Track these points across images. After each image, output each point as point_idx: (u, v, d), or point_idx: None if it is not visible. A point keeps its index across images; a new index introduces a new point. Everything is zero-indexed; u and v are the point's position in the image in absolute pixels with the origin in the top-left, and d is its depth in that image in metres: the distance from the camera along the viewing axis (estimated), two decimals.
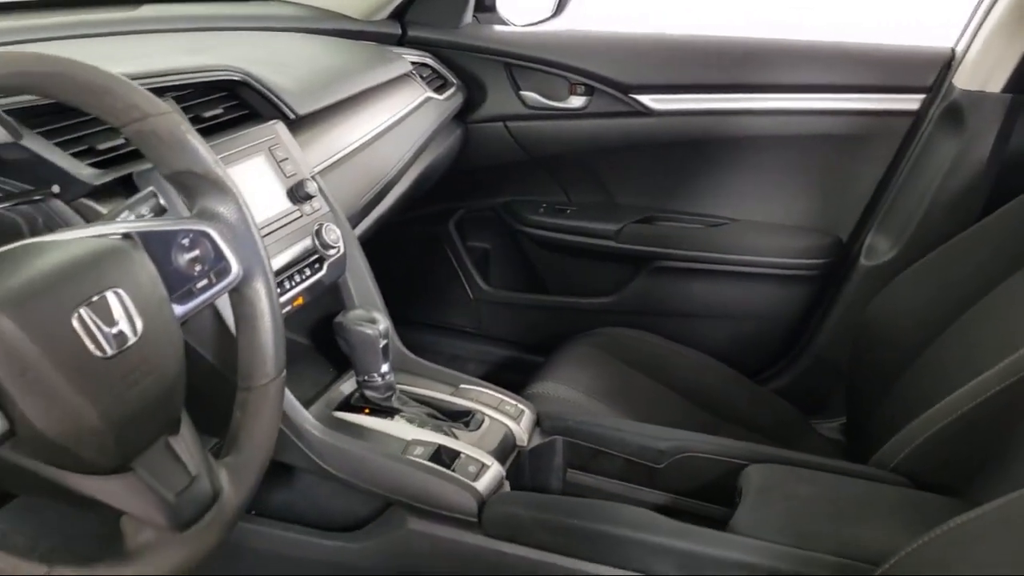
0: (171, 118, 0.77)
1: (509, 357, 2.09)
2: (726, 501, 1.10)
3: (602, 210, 1.94)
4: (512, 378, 1.35)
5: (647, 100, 1.79)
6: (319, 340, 1.27)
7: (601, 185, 1.95)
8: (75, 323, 0.63)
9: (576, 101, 1.86)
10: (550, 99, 1.87)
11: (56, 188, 0.89)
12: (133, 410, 0.67)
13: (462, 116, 1.90)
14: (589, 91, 1.84)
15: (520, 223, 1.98)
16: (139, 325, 0.68)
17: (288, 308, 1.12)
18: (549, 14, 1.94)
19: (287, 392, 1.03)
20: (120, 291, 0.67)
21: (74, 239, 0.71)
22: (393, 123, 1.55)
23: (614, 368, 1.57)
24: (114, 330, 0.66)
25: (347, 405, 1.17)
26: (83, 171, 0.90)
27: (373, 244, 1.37)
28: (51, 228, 0.89)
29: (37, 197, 0.89)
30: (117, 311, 0.66)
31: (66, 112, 0.93)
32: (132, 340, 0.67)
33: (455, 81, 1.86)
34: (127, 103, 0.74)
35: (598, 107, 1.84)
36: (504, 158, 1.95)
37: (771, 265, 1.79)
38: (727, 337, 1.86)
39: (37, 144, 0.87)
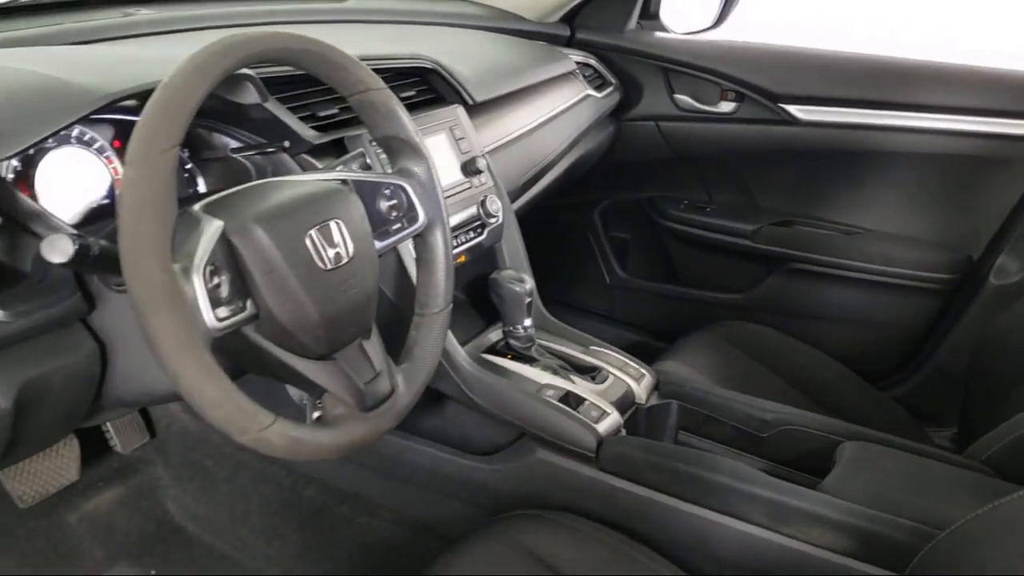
0: (386, 93, 0.97)
1: (637, 341, 2.23)
2: (822, 473, 1.22)
3: (741, 210, 2.06)
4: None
5: (794, 110, 1.89)
6: (473, 295, 1.46)
7: (742, 187, 2.07)
8: (307, 241, 0.85)
9: (726, 106, 1.98)
10: (702, 103, 2.01)
11: (287, 143, 1.12)
12: (341, 313, 0.88)
13: (617, 114, 2.06)
14: (739, 98, 1.96)
15: (661, 217, 2.12)
16: (351, 249, 0.89)
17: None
18: (709, 24, 2.07)
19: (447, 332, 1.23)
20: (340, 221, 0.88)
21: (307, 180, 0.93)
22: (554, 115, 1.73)
23: (736, 358, 1.68)
24: (333, 251, 0.87)
25: (493, 350, 1.37)
26: (307, 132, 1.12)
27: (526, 224, 1.55)
28: (277, 175, 1.12)
29: (271, 149, 1.12)
30: (336, 236, 0.87)
31: (297, 84, 1.15)
32: (345, 260, 0.88)
33: (613, 81, 2.03)
34: (356, 78, 0.95)
35: (746, 113, 1.96)
36: (652, 155, 2.10)
37: (901, 276, 1.86)
38: (851, 341, 1.94)
39: (276, 107, 1.09)
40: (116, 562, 1.52)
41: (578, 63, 1.93)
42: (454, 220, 1.31)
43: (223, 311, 0.78)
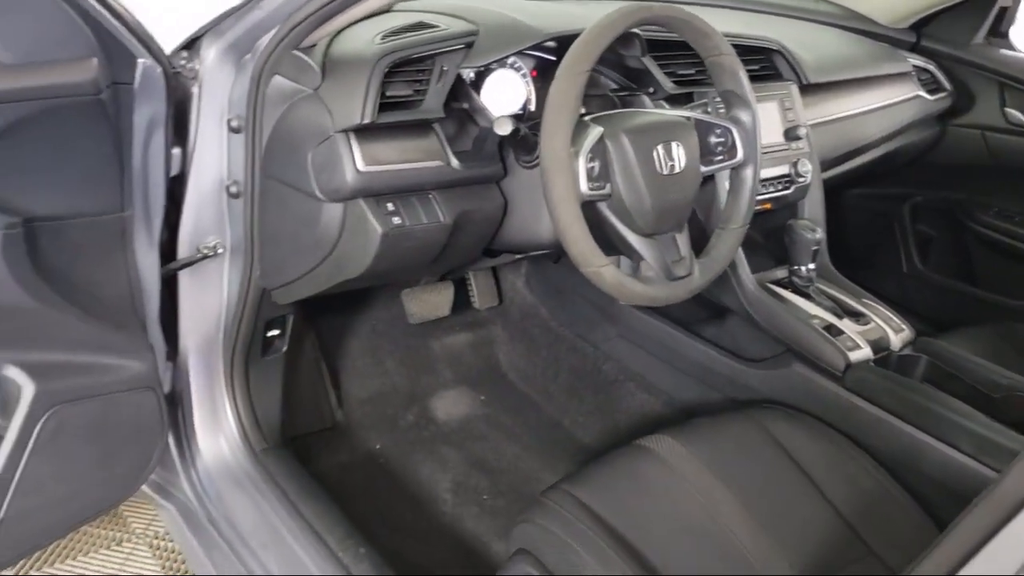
0: (734, 58, 1.28)
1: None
2: None
3: None
4: None
5: None
6: (771, 239, 1.73)
7: None
8: (654, 152, 1.19)
9: None
10: None
11: (651, 90, 1.46)
12: (665, 207, 1.21)
13: (944, 118, 2.18)
14: None
15: (970, 220, 2.21)
16: (682, 164, 1.22)
17: (759, 207, 1.60)
18: None
19: (742, 254, 1.54)
20: (679, 143, 1.21)
21: (663, 112, 1.28)
22: (880, 107, 1.93)
23: (1000, 350, 1.77)
24: (670, 163, 1.20)
25: (777, 282, 1.63)
26: (668, 84, 1.45)
27: (836, 204, 1.76)
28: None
29: (638, 92, 1.48)
30: (675, 153, 1.21)
31: (665, 48, 1.48)
32: (677, 171, 1.21)
33: (948, 88, 2.15)
34: (713, 44, 1.26)
35: None
36: (972, 161, 2.19)
37: None
38: None
39: (649, 62, 1.44)
40: (459, 385, 2.02)
41: (916, 66, 2.08)
42: (768, 172, 1.59)
43: (591, 185, 1.14)
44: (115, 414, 1.23)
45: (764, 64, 1.67)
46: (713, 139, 1.29)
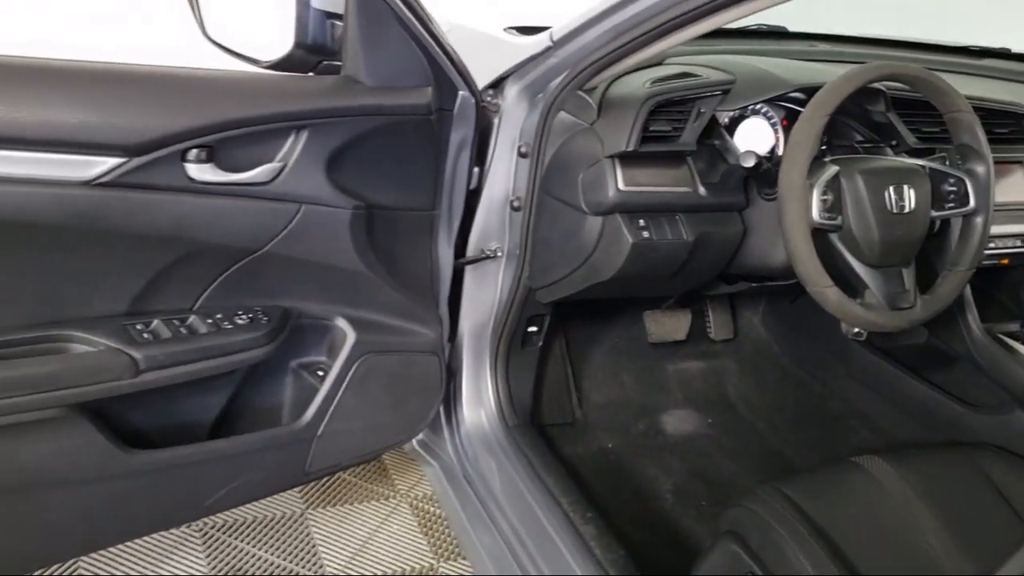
0: (971, 116, 1.36)
1: None
2: None
3: None
4: None
5: None
6: (1008, 294, 1.73)
7: None
8: (886, 192, 1.30)
9: None
10: None
11: (894, 142, 1.55)
12: (892, 241, 1.31)
13: None
14: None
15: None
16: (912, 206, 1.31)
17: (996, 262, 1.63)
18: None
19: (972, 301, 1.57)
20: (910, 187, 1.31)
21: (898, 159, 1.38)
22: None
23: None
24: (899, 203, 1.30)
25: (1009, 334, 1.64)
26: (911, 139, 1.53)
27: None
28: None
29: (881, 144, 1.57)
30: (905, 195, 1.31)
31: (911, 107, 1.56)
32: (906, 211, 1.31)
33: None
34: (951, 101, 1.35)
35: None
36: None
37: None
38: None
39: (894, 118, 1.53)
40: (688, 406, 2.16)
41: None
42: (1008, 229, 1.62)
43: (822, 215, 1.27)
44: (408, 370, 1.52)
45: (1014, 128, 1.70)
46: (946, 187, 1.37)
